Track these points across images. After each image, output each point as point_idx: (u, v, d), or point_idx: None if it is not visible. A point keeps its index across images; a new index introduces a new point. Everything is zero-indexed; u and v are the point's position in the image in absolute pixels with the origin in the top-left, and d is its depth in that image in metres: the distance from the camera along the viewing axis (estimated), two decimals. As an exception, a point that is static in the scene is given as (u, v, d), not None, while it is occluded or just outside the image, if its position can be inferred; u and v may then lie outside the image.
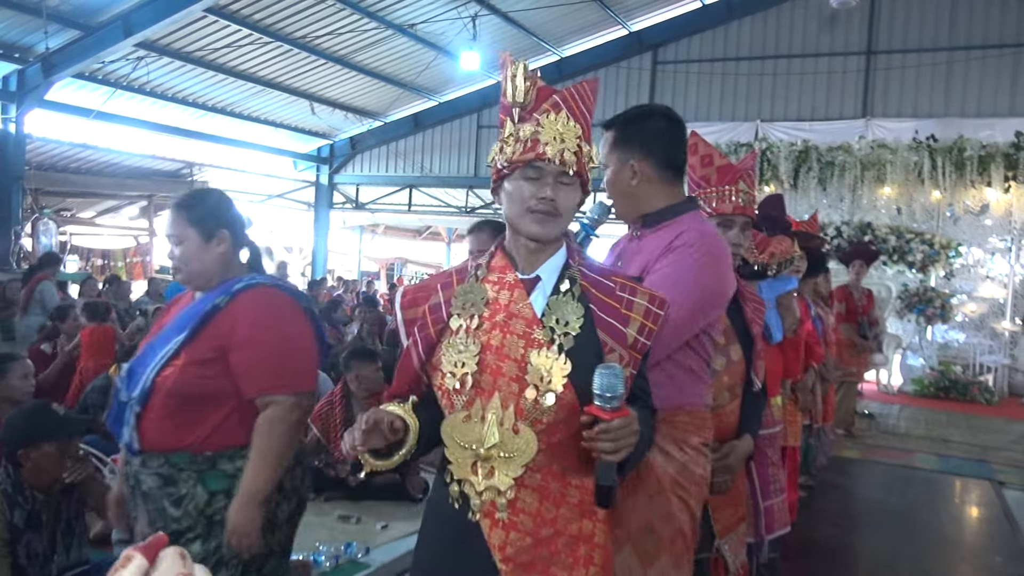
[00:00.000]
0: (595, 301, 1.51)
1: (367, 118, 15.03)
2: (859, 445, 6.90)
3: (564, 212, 1.51)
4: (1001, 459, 6.65)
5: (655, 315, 1.52)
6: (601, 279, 1.55)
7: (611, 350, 1.48)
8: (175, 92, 12.33)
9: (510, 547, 1.45)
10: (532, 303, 1.50)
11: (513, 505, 1.45)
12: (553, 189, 1.48)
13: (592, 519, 1.51)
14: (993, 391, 9.70)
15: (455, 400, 1.49)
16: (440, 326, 1.55)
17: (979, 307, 10.24)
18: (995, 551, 4.62)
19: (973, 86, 11.14)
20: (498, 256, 1.58)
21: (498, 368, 1.47)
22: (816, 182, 10.39)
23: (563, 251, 1.57)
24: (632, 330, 1.50)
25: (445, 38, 11.99)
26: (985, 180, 9.62)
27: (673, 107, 7.68)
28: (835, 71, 11.92)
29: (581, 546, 1.49)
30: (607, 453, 1.35)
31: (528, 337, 1.47)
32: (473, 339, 1.50)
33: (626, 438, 1.35)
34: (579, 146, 1.49)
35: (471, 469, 1.47)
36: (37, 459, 2.77)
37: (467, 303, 1.53)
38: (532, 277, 1.54)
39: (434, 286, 1.62)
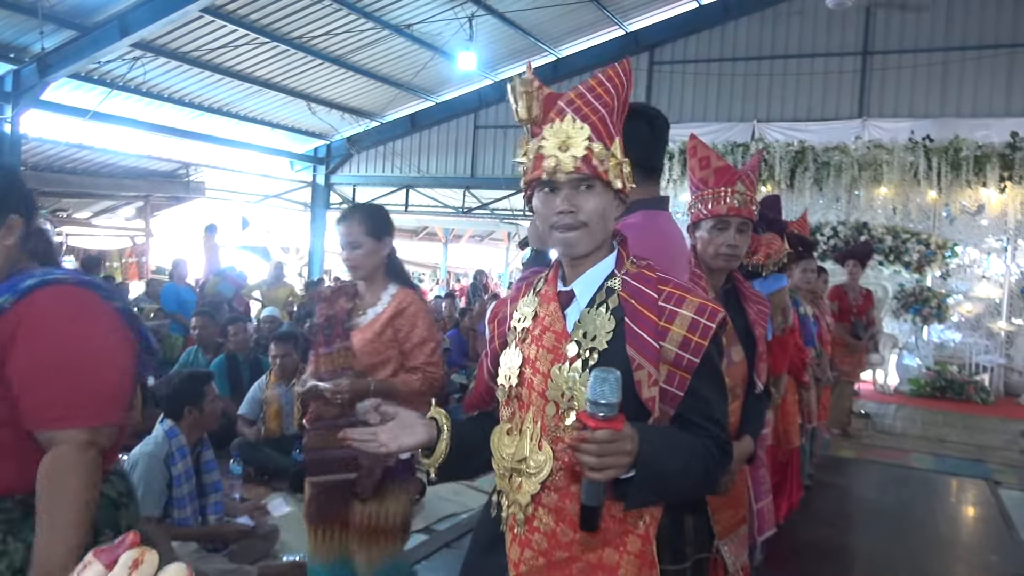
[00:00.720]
0: (630, 314, 1.41)
1: (364, 118, 15.02)
2: (855, 445, 6.91)
3: (590, 220, 1.42)
4: (997, 459, 6.67)
5: (704, 328, 1.39)
6: (645, 289, 1.44)
7: (639, 367, 1.38)
8: (171, 92, 12.31)
9: (524, 564, 1.44)
10: (568, 316, 1.46)
11: (530, 522, 1.43)
12: (570, 199, 1.41)
13: (619, 549, 1.41)
14: (989, 391, 9.71)
15: (504, 412, 1.51)
16: (503, 339, 1.57)
17: (975, 307, 10.26)
18: (991, 550, 4.63)
19: (969, 86, 11.17)
20: (554, 269, 1.55)
21: (531, 382, 1.45)
22: (812, 182, 10.42)
23: (609, 260, 1.49)
24: (671, 345, 1.39)
25: (442, 38, 11.98)
26: (981, 180, 9.64)
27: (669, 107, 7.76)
28: (831, 71, 11.94)
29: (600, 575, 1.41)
30: (589, 468, 1.22)
31: (556, 351, 1.43)
32: (518, 352, 1.48)
33: (613, 455, 1.22)
34: (588, 148, 1.40)
35: (507, 481, 1.47)
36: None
37: (521, 316, 1.52)
38: (569, 290, 1.49)
39: (508, 299, 1.63)
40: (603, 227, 1.45)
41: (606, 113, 1.45)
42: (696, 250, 2.42)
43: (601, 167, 1.41)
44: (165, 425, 3.37)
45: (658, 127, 2.13)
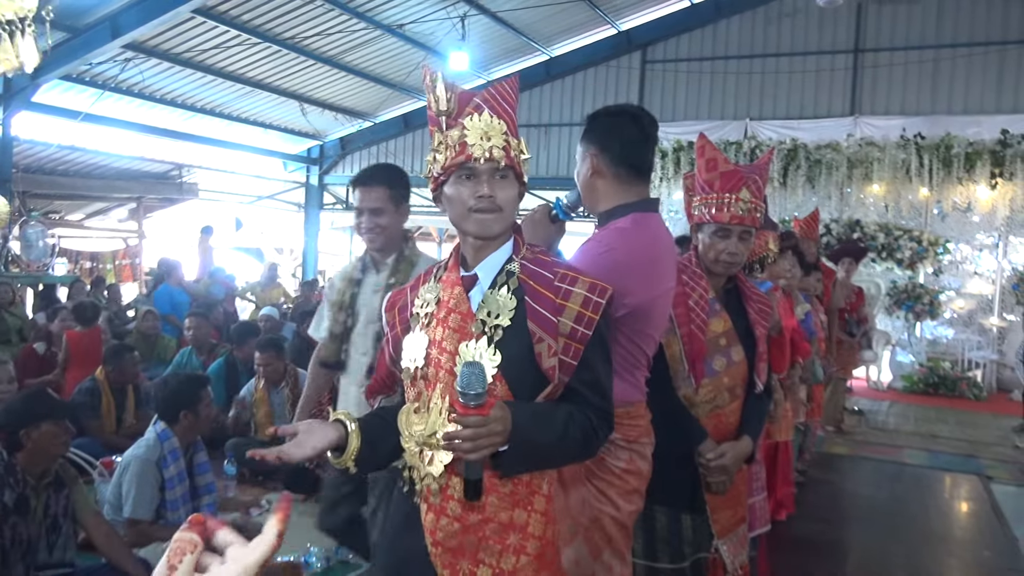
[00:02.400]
0: (530, 293, 1.55)
1: (357, 118, 15.00)
2: (848, 441, 6.94)
3: (504, 207, 1.56)
4: (990, 454, 6.70)
5: (595, 303, 1.53)
6: (541, 271, 1.58)
7: (540, 340, 1.51)
8: (164, 94, 12.28)
9: (440, 531, 1.54)
10: (472, 298, 1.58)
11: (444, 491, 1.53)
12: (489, 186, 1.54)
13: (527, 509, 1.55)
14: (981, 387, 9.76)
15: (409, 392, 1.61)
16: (405, 325, 1.67)
17: (967, 303, 10.30)
18: (984, 545, 4.65)
19: (960, 84, 11.21)
20: (453, 256, 1.66)
21: (438, 361, 1.55)
22: (805, 180, 10.44)
23: (508, 246, 1.62)
24: (567, 319, 1.52)
25: (434, 38, 11.98)
26: (972, 177, 9.68)
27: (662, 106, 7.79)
28: (823, 69, 11.97)
29: (511, 534, 1.53)
30: (460, 450, 1.38)
31: (463, 330, 1.54)
32: (424, 335, 1.59)
33: (485, 437, 1.37)
34: (506, 141, 1.54)
35: (418, 456, 1.55)
36: (38, 438, 2.86)
37: (424, 302, 1.63)
38: (472, 274, 1.60)
39: (407, 288, 1.74)
40: (513, 214, 1.60)
41: (512, 112, 1.60)
42: (697, 251, 2.42)
43: (517, 159, 1.57)
44: (158, 427, 3.36)
45: (645, 126, 2.12)
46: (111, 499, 3.34)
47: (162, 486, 3.26)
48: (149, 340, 6.99)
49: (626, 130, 2.08)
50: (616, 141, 2.06)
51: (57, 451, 2.95)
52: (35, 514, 2.85)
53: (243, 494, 4.51)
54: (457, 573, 1.53)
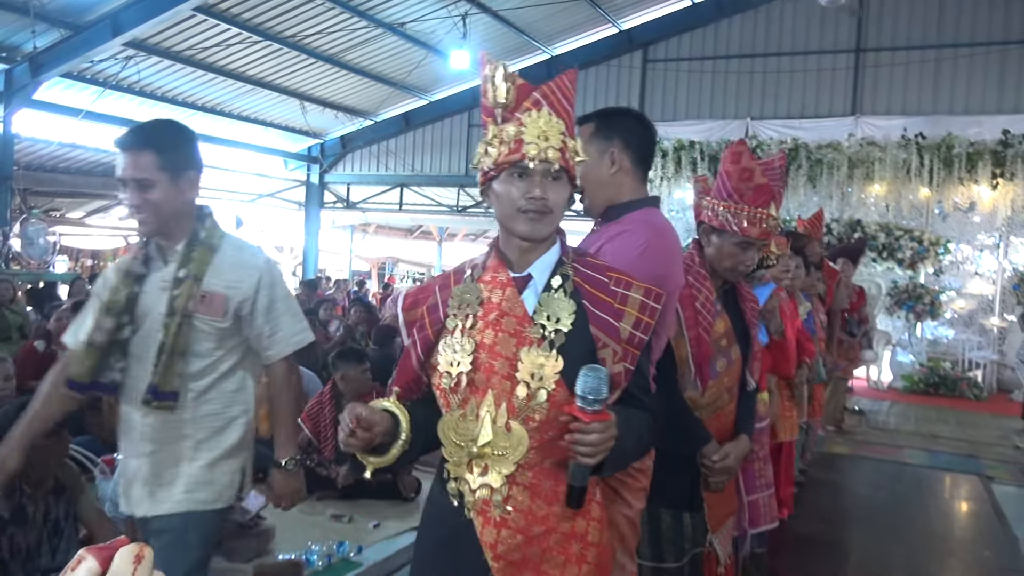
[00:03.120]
0: (588, 297, 1.50)
1: (357, 117, 15.00)
2: (849, 441, 6.94)
3: (555, 209, 1.50)
4: (990, 454, 6.70)
5: (651, 309, 1.51)
6: (595, 274, 1.54)
7: (604, 345, 1.47)
8: (164, 91, 12.28)
9: (501, 545, 1.46)
10: (524, 301, 1.51)
11: (505, 503, 1.46)
12: (541, 187, 1.48)
13: (586, 517, 1.51)
14: (982, 387, 9.76)
15: (451, 399, 1.51)
16: (437, 327, 1.57)
17: (968, 303, 10.31)
18: (984, 545, 4.65)
19: (961, 84, 11.21)
20: (493, 256, 1.59)
21: (491, 366, 1.47)
22: (806, 180, 10.44)
23: (556, 248, 1.57)
24: (626, 324, 1.50)
25: (435, 37, 11.98)
26: (973, 177, 9.68)
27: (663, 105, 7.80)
28: (824, 69, 11.97)
29: (574, 544, 1.49)
30: (583, 456, 1.35)
31: (520, 335, 1.47)
32: (468, 338, 1.51)
33: (604, 443, 1.35)
34: (563, 142, 1.48)
35: (466, 467, 1.49)
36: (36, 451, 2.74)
37: (463, 303, 1.55)
38: (524, 275, 1.54)
39: (433, 288, 1.65)
40: (561, 217, 1.55)
41: (571, 111, 1.54)
42: (704, 251, 2.41)
43: (572, 161, 1.51)
44: (159, 425, 3.35)
45: (650, 128, 2.18)
46: (113, 497, 3.33)
47: (163, 484, 3.25)
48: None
49: (639, 129, 2.13)
50: (635, 139, 2.09)
51: (54, 459, 2.88)
52: (34, 522, 2.82)
53: (244, 492, 4.50)
54: None
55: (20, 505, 2.77)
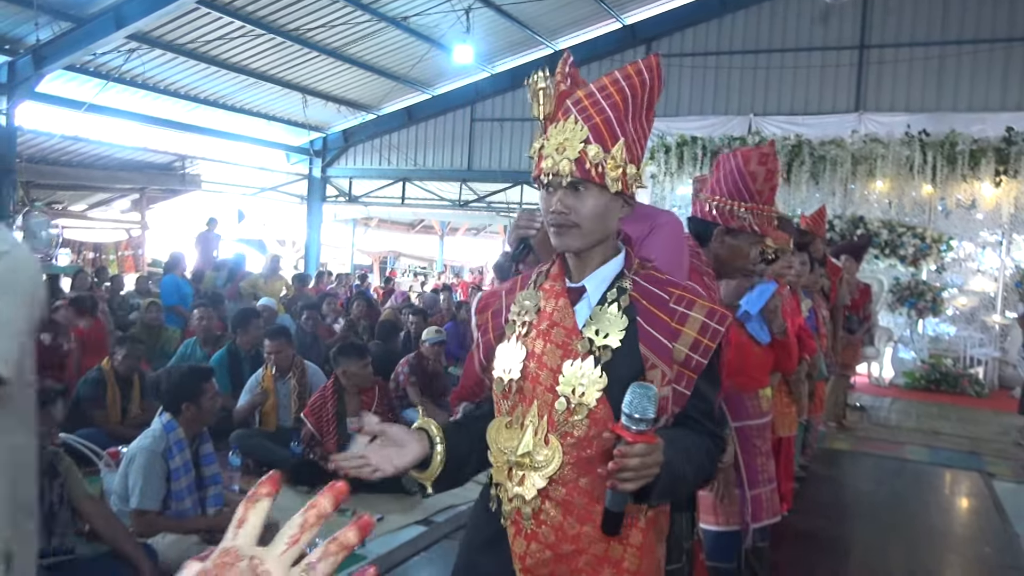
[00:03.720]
0: (643, 313, 1.43)
1: (360, 111, 15.00)
2: (850, 437, 6.94)
3: (582, 222, 1.42)
4: (991, 451, 6.71)
5: (713, 331, 1.43)
6: (655, 290, 1.46)
7: (653, 366, 1.41)
8: (167, 84, 12.28)
9: (530, 558, 1.45)
10: (577, 313, 1.46)
11: (536, 516, 1.43)
12: (564, 199, 1.42)
13: (623, 543, 1.44)
14: (983, 384, 9.77)
15: (502, 405, 1.50)
16: (499, 331, 1.56)
17: (970, 300, 10.31)
18: (984, 542, 4.67)
19: (965, 80, 11.19)
20: (557, 264, 1.54)
21: (536, 376, 1.45)
22: (809, 176, 10.44)
23: (618, 260, 1.50)
24: (682, 346, 1.42)
25: (439, 31, 11.96)
26: (976, 174, 9.67)
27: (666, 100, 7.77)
28: (828, 65, 11.95)
29: (606, 568, 1.44)
30: (623, 480, 1.25)
31: (566, 347, 1.43)
32: (520, 346, 1.48)
33: (647, 467, 1.26)
34: (583, 150, 1.39)
35: (507, 475, 1.47)
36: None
37: (522, 310, 1.52)
38: (579, 286, 1.49)
39: (502, 292, 1.63)
40: (600, 228, 1.45)
41: (612, 114, 1.43)
42: (711, 250, 2.41)
43: (595, 170, 1.40)
44: (163, 419, 3.37)
45: None
46: (118, 489, 3.36)
47: (168, 476, 3.28)
48: (153, 331, 7.00)
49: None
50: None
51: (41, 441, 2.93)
52: None
53: (246, 485, 4.53)
54: None
55: None
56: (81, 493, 3.05)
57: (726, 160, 2.38)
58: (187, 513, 3.32)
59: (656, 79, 1.48)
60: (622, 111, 1.44)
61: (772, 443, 4.44)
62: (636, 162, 1.46)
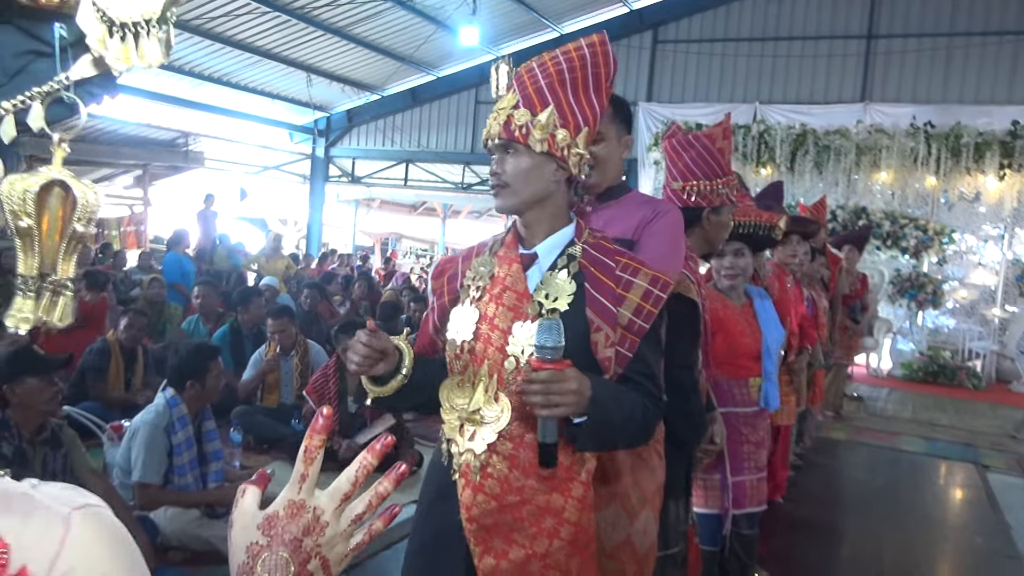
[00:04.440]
0: (590, 280, 1.52)
1: (364, 91, 14.94)
2: (847, 427, 6.99)
3: (512, 181, 1.53)
4: (986, 443, 6.76)
5: (656, 297, 1.52)
6: (603, 258, 1.56)
7: (598, 329, 1.50)
8: (171, 61, 12.18)
9: (476, 508, 1.53)
10: (528, 278, 1.56)
11: (484, 469, 1.52)
12: (498, 162, 1.54)
13: (564, 494, 1.53)
14: (981, 376, 9.80)
15: (454, 365, 1.59)
16: (453, 296, 1.65)
17: (970, 293, 10.32)
18: (977, 531, 4.71)
19: (972, 73, 11.13)
20: (512, 232, 1.64)
21: (488, 338, 1.54)
22: (812, 166, 10.42)
23: (569, 229, 1.59)
24: (626, 310, 1.51)
25: (444, 12, 11.88)
26: (980, 167, 9.64)
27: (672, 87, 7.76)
28: (835, 54, 11.89)
29: (547, 518, 1.53)
30: (537, 406, 1.36)
31: (517, 310, 1.52)
32: (474, 309, 1.57)
33: (558, 393, 1.35)
34: (509, 115, 1.51)
35: (458, 431, 1.55)
36: (23, 394, 2.87)
37: (477, 275, 1.61)
38: (531, 253, 1.58)
39: (458, 258, 1.71)
40: (529, 188, 1.53)
41: (544, 83, 1.52)
42: (703, 234, 2.44)
43: (519, 131, 1.50)
44: (167, 394, 3.40)
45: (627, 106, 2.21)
46: (120, 463, 3.39)
47: (170, 452, 3.31)
48: (155, 308, 7.02)
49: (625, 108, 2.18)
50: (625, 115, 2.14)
51: (46, 407, 2.95)
52: (34, 469, 2.89)
53: (247, 462, 4.57)
54: (489, 550, 1.53)
55: (21, 449, 2.86)
56: (83, 465, 3.09)
57: (688, 145, 2.43)
58: (188, 488, 3.36)
59: (600, 56, 1.54)
60: (555, 81, 1.52)
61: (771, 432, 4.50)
62: (572, 131, 1.52)
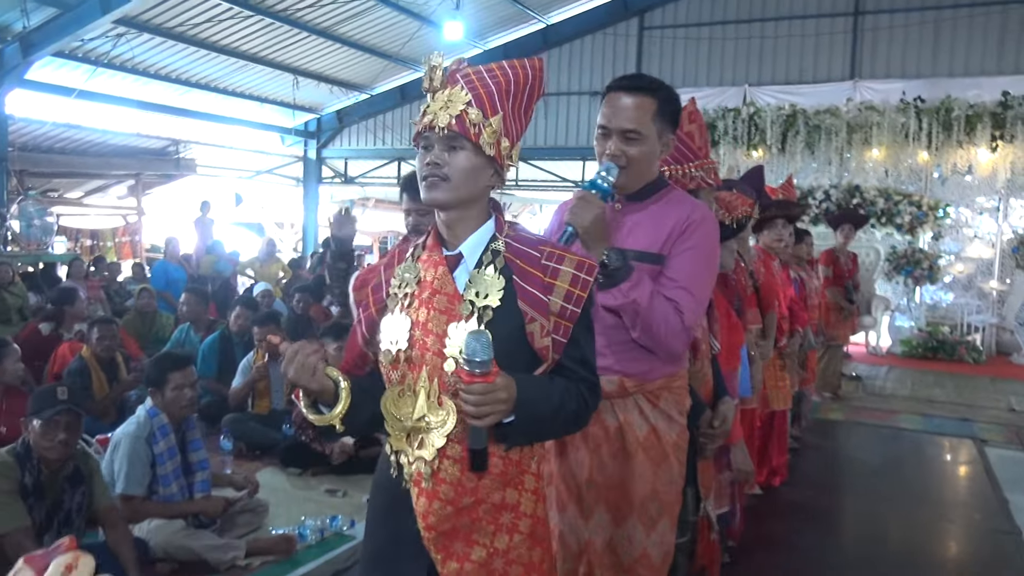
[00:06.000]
0: (518, 272, 1.52)
1: (353, 91, 14.90)
2: (844, 407, 6.96)
3: (454, 176, 1.50)
4: (985, 417, 6.73)
5: (584, 281, 1.52)
6: (527, 249, 1.55)
7: (532, 320, 1.50)
8: (157, 69, 12.19)
9: (432, 515, 1.51)
10: (456, 279, 1.54)
11: (436, 475, 1.51)
12: (439, 154, 1.50)
13: (518, 488, 1.55)
14: (981, 350, 9.77)
15: (392, 375, 1.56)
16: (380, 305, 1.63)
17: (967, 267, 10.28)
18: (975, 508, 4.69)
19: (961, 45, 11.06)
20: (432, 236, 1.62)
21: (424, 343, 1.51)
22: (804, 146, 10.36)
23: (489, 225, 1.58)
24: (557, 298, 1.51)
25: (428, 8, 11.84)
26: (972, 140, 9.58)
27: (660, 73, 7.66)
28: (823, 33, 11.82)
29: (504, 514, 1.54)
30: (470, 416, 1.39)
31: (450, 312, 1.50)
32: (405, 316, 1.55)
33: (489, 404, 1.38)
34: (464, 110, 1.47)
35: (405, 441, 1.53)
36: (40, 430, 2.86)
37: (402, 282, 1.59)
38: (456, 253, 1.56)
39: (380, 267, 1.69)
40: (469, 186, 1.52)
41: (495, 89, 1.51)
42: None
43: (473, 129, 1.48)
44: (147, 404, 3.40)
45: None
46: (105, 476, 3.38)
47: (152, 462, 3.30)
48: (146, 318, 7.02)
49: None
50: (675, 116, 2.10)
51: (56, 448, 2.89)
52: (45, 504, 2.89)
53: (239, 469, 4.56)
54: (451, 555, 1.52)
55: (39, 481, 2.87)
56: (102, 501, 3.05)
57: None
58: (173, 498, 3.35)
59: (536, 81, 1.57)
60: (504, 90, 1.52)
61: (765, 417, 4.48)
62: (512, 139, 1.55)
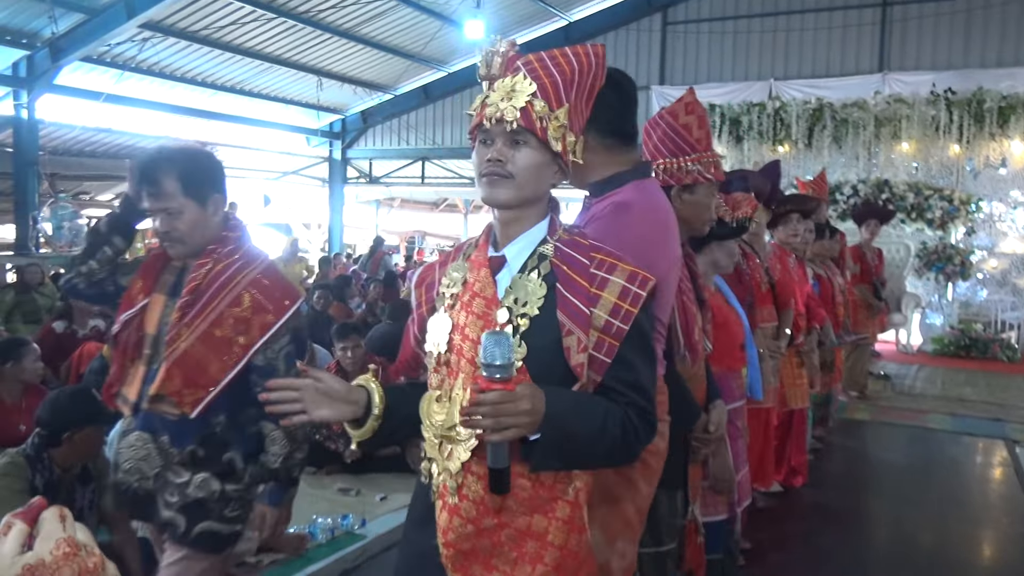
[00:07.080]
0: (563, 280, 1.39)
1: (377, 91, 14.96)
2: (871, 407, 6.80)
3: (518, 174, 1.39)
4: (1018, 417, 6.52)
5: (635, 295, 1.38)
6: (577, 256, 1.42)
7: (569, 333, 1.37)
8: (184, 72, 12.35)
9: (452, 532, 1.41)
10: (499, 282, 1.43)
11: (460, 490, 1.40)
12: (501, 150, 1.39)
13: (547, 516, 1.41)
14: (1016, 348, 9.51)
15: (432, 378, 1.48)
16: (431, 305, 1.55)
17: (1000, 263, 10.01)
18: (1002, 511, 4.56)
19: (993, 36, 10.79)
20: (484, 234, 1.52)
21: (461, 349, 1.42)
22: (831, 140, 10.18)
23: (542, 226, 1.46)
24: (602, 311, 1.38)
25: (449, 7, 11.85)
26: (1005, 132, 9.34)
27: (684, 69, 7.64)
28: (850, 25, 11.61)
29: (529, 542, 1.40)
30: (486, 430, 1.26)
31: (486, 317, 1.40)
32: (447, 318, 1.46)
33: (509, 415, 1.25)
34: (530, 102, 1.37)
35: (437, 449, 1.44)
36: (79, 441, 2.90)
37: (451, 282, 1.50)
38: (500, 255, 1.45)
39: (436, 264, 1.61)
40: (532, 185, 1.42)
41: (560, 79, 1.42)
42: (679, 215, 2.35)
43: (540, 123, 1.38)
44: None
45: (627, 90, 2.04)
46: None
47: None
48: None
49: (607, 99, 2.00)
50: (601, 112, 1.99)
51: (91, 452, 2.97)
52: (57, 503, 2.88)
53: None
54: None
55: (52, 482, 2.89)
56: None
57: (655, 125, 2.32)
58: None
59: (599, 69, 1.48)
60: (569, 80, 1.43)
61: (783, 416, 4.39)
62: (576, 133, 1.44)
